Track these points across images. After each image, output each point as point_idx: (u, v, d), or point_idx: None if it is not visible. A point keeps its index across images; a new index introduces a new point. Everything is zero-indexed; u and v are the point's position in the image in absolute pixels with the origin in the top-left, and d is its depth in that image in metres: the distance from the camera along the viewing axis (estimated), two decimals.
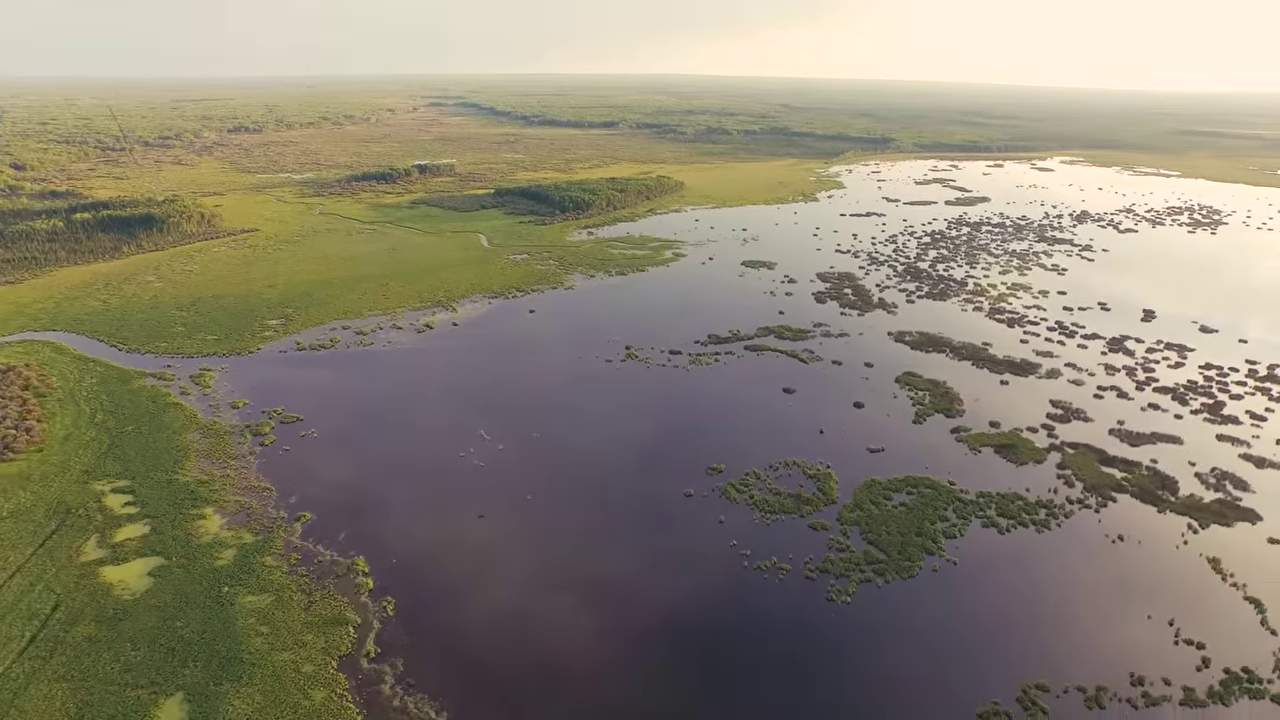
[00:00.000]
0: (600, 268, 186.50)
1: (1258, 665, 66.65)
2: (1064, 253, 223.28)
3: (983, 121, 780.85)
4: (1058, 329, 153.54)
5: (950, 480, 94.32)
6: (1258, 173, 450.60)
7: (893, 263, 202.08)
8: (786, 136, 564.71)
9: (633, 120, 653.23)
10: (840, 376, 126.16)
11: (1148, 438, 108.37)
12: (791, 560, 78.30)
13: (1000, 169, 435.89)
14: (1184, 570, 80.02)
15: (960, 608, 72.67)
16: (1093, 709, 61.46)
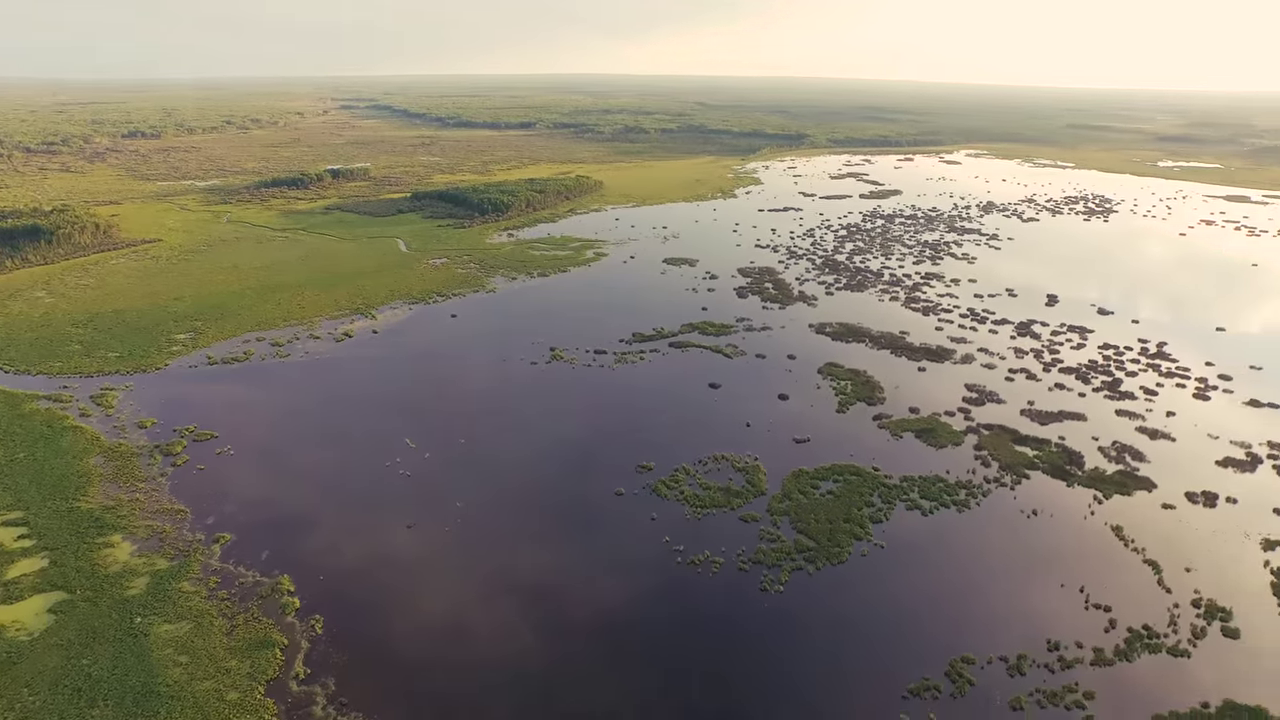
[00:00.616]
0: (522, 269, 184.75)
1: (1156, 622, 70.89)
2: (973, 242, 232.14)
3: (892, 117, 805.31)
4: (970, 316, 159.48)
5: (874, 466, 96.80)
6: (1141, 164, 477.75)
7: (811, 256, 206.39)
8: (703, 134, 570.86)
9: (550, 121, 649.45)
10: (764, 370, 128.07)
11: (1055, 416, 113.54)
12: (724, 553, 79.01)
13: (911, 163, 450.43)
14: (1091, 539, 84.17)
15: (889, 590, 74.65)
16: (1014, 676, 64.01)
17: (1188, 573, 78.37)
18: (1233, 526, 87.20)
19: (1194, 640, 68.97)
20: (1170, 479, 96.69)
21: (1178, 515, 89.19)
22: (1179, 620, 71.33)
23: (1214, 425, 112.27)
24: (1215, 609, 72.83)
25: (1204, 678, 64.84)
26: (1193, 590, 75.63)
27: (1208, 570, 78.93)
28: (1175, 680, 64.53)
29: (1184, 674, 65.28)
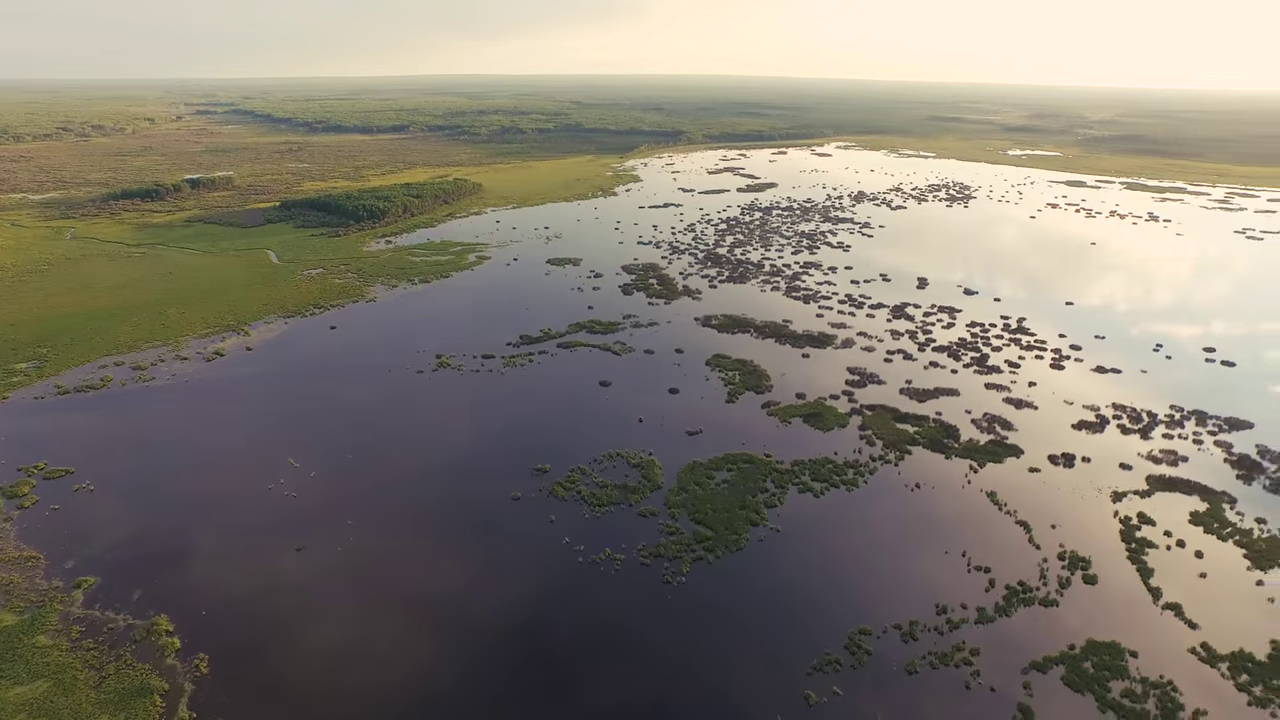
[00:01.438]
0: (402, 277, 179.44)
1: (1028, 577, 76.28)
2: (847, 230, 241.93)
3: (765, 112, 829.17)
4: (848, 301, 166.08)
5: (766, 453, 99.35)
6: (994, 153, 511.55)
7: (693, 250, 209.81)
8: (581, 133, 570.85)
9: (424, 123, 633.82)
10: (653, 365, 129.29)
11: (931, 393, 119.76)
12: (625, 549, 79.29)
13: (785, 156, 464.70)
14: (969, 506, 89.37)
15: (787, 572, 76.83)
16: (908, 642, 67.25)
17: (1053, 529, 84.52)
18: (1088, 483, 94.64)
19: (1061, 590, 74.54)
20: (1035, 444, 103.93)
21: (1042, 477, 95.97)
22: (1048, 573, 76.87)
23: (1068, 392, 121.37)
24: (1077, 560, 78.88)
25: (1070, 623, 70.18)
26: (1058, 545, 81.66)
27: (1069, 525, 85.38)
28: (1047, 628, 69.51)
29: (1054, 622, 70.42)
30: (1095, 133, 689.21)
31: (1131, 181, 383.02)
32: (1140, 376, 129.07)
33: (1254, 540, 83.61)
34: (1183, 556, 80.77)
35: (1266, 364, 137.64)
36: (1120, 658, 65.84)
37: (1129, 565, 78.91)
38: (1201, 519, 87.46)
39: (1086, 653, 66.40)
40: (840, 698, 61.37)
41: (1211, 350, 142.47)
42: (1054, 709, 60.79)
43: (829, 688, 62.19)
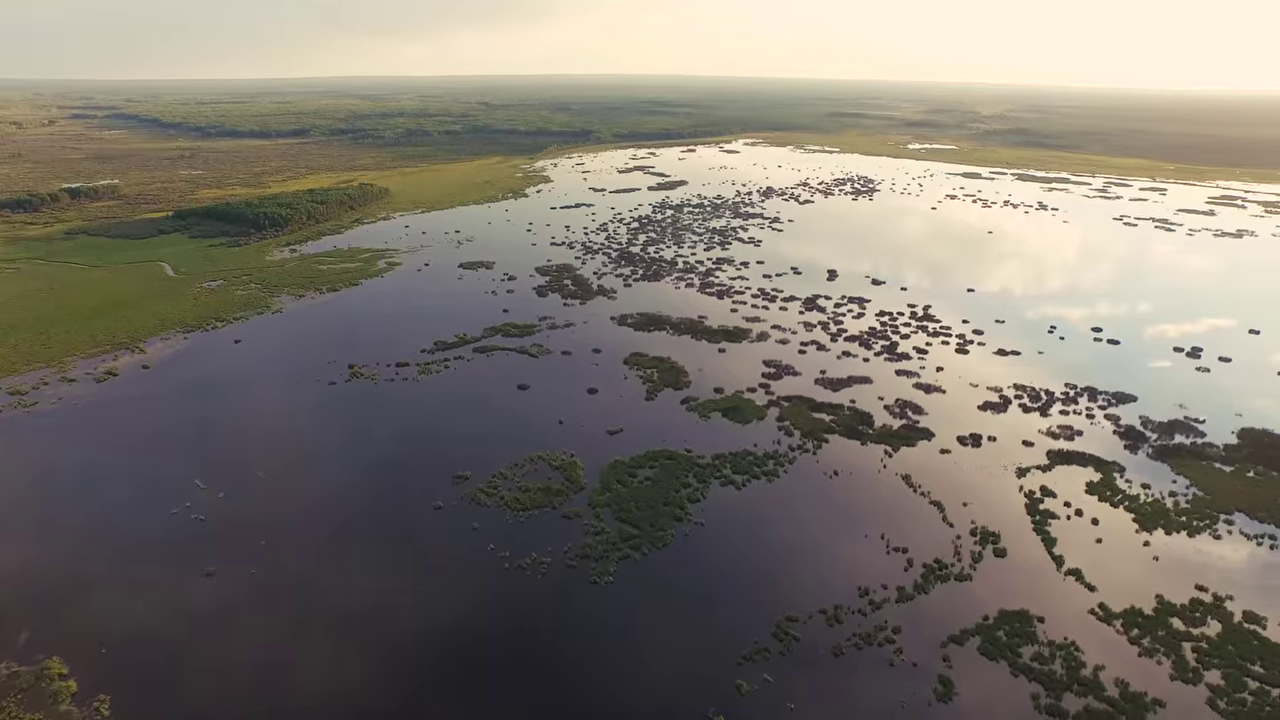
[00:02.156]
0: (309, 286, 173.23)
1: (944, 555, 79.32)
2: (757, 226, 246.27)
3: (673, 110, 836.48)
4: (761, 295, 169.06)
5: (687, 449, 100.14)
6: (895, 147, 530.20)
7: (607, 250, 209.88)
8: (489, 135, 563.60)
9: (325, 127, 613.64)
10: (571, 366, 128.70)
11: (845, 382, 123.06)
12: (550, 553, 78.60)
13: (694, 153, 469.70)
14: (886, 490, 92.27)
15: (713, 564, 77.63)
16: (833, 625, 68.95)
17: (965, 507, 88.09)
18: (994, 461, 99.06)
19: (974, 565, 77.75)
20: (944, 427, 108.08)
21: (953, 458, 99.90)
22: (961, 550, 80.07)
23: (973, 375, 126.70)
24: (988, 535, 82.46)
25: (983, 595, 73.29)
26: (970, 522, 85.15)
27: (979, 502, 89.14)
28: (962, 602, 72.40)
29: (969, 595, 73.42)
30: (987, 127, 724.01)
31: (1022, 173, 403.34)
32: (1038, 357, 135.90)
33: (1140, 505, 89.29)
34: (1081, 525, 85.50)
35: (1145, 341, 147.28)
36: (1029, 624, 69.23)
37: (1034, 536, 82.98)
38: (1096, 488, 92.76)
39: (999, 622, 69.51)
40: (771, 684, 62.41)
41: (1099, 330, 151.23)
42: (971, 678, 63.38)
43: (759, 676, 63.16)
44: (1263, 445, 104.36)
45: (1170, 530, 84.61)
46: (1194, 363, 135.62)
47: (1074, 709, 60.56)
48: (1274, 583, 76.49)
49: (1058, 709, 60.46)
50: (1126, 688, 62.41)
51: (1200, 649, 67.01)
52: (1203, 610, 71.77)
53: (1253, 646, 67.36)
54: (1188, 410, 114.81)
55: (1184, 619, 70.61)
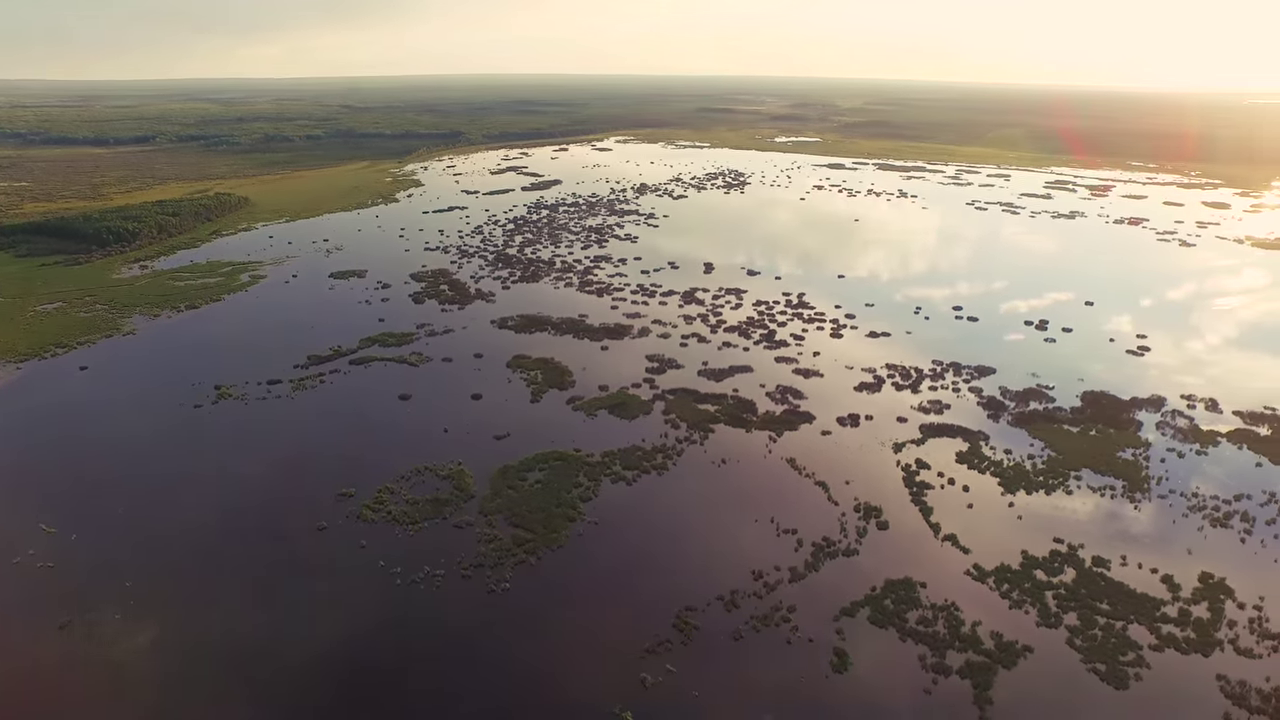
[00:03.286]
0: (165, 304, 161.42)
1: (831, 532, 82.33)
2: (633, 222, 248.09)
3: (544, 110, 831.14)
4: (640, 291, 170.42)
5: (576, 448, 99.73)
6: (763, 141, 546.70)
7: (483, 253, 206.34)
8: (354, 138, 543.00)
9: (173, 133, 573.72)
10: (453, 372, 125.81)
11: (727, 372, 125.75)
12: (444, 564, 76.49)
13: (566, 152, 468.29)
14: (772, 474, 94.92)
15: (610, 562, 77.64)
16: (731, 611, 70.27)
17: (848, 485, 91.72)
18: (872, 439, 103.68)
19: (859, 540, 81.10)
20: (824, 409, 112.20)
21: (834, 439, 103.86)
22: (847, 526, 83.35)
23: (848, 357, 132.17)
24: (870, 510, 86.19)
25: (870, 567, 76.51)
26: (853, 499, 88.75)
27: (861, 479, 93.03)
28: (851, 576, 75.32)
29: (856, 569, 76.47)
30: (848, 119, 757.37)
31: (882, 163, 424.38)
32: (906, 337, 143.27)
33: (1004, 469, 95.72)
34: (953, 492, 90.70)
35: (1000, 316, 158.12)
36: (913, 590, 72.90)
37: (913, 507, 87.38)
38: (965, 457, 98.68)
39: (885, 592, 72.80)
40: (675, 675, 63.00)
41: (959, 309, 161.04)
42: (864, 647, 66.13)
43: (663, 668, 63.64)
44: (1102, 405, 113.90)
45: (1030, 490, 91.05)
46: (1042, 334, 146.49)
47: (956, 664, 64.22)
48: (1115, 528, 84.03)
49: (942, 666, 64.00)
50: (1001, 639, 66.83)
51: (1059, 595, 72.79)
52: (1060, 560, 77.80)
53: (1101, 587, 73.88)
54: (1039, 378, 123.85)
55: (1045, 570, 76.32)
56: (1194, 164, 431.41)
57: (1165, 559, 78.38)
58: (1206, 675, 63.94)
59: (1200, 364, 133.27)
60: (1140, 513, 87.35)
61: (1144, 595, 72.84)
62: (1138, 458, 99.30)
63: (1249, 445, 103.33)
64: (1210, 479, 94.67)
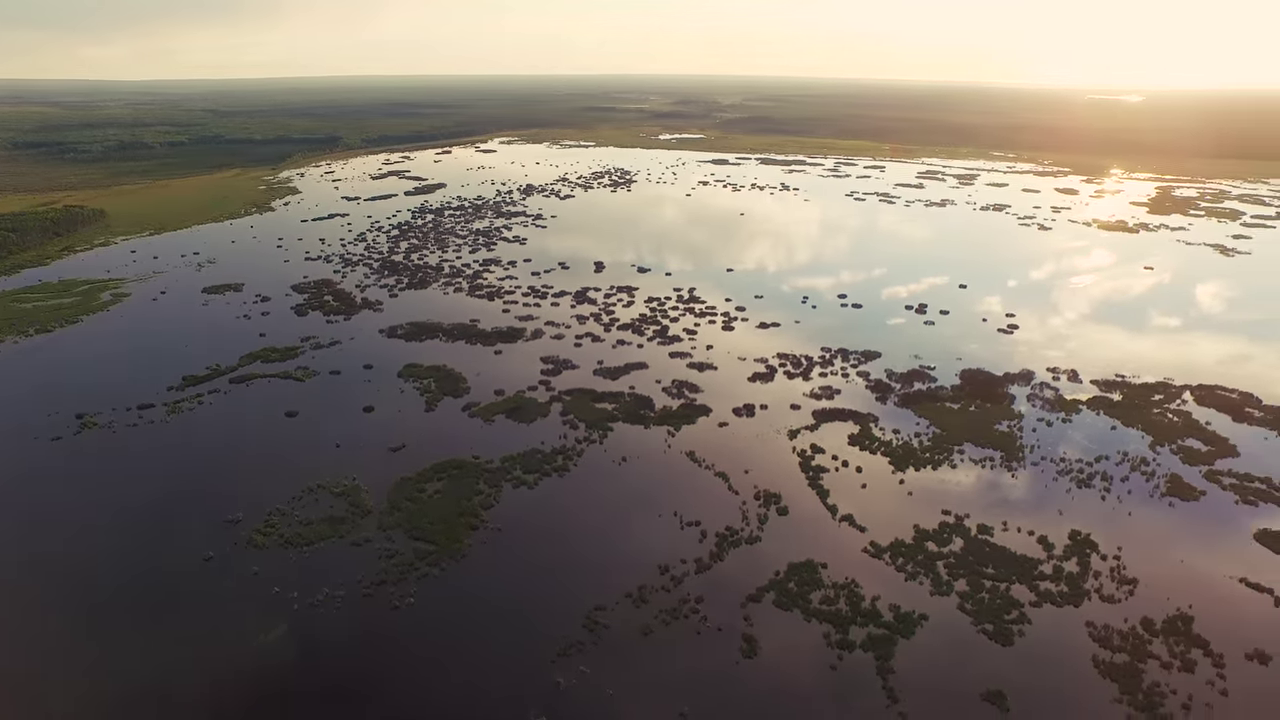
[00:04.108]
0: (11, 329, 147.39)
1: (733, 521, 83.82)
2: (521, 224, 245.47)
3: (424, 112, 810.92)
4: (531, 293, 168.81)
5: (475, 455, 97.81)
6: (647, 138, 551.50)
7: (368, 261, 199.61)
8: (222, 144, 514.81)
9: (8, 139, 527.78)
10: (342, 386, 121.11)
11: (623, 369, 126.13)
12: (344, 584, 73.48)
13: (449, 155, 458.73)
14: (673, 469, 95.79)
15: (516, 568, 76.45)
16: (640, 607, 70.51)
17: (747, 474, 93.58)
18: (768, 428, 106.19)
19: (761, 527, 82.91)
20: (720, 401, 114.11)
21: (731, 430, 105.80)
22: (749, 514, 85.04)
23: (741, 349, 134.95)
24: (770, 496, 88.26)
25: (773, 553, 78.29)
26: (753, 487, 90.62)
27: (759, 468, 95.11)
28: (755, 563, 76.89)
29: (760, 556, 78.11)
30: (729, 115, 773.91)
31: (765, 157, 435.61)
32: (795, 326, 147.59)
33: (894, 448, 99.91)
34: (848, 474, 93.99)
35: (882, 302, 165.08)
36: (815, 572, 75.10)
37: (810, 491, 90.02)
38: (857, 439, 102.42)
39: (789, 575, 74.72)
40: (588, 675, 62.69)
41: (844, 296, 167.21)
42: (771, 630, 67.67)
43: (576, 669, 63.23)
44: (978, 382, 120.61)
45: (919, 467, 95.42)
46: (921, 318, 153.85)
47: (859, 639, 66.57)
48: (996, 497, 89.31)
49: (846, 642, 66.23)
50: (899, 610, 69.73)
51: (949, 564, 76.63)
52: (948, 531, 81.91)
53: (985, 553, 78.28)
54: (921, 360, 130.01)
55: (936, 541, 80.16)
56: (1047, 153, 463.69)
57: (1040, 521, 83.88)
58: (1078, 624, 69.00)
59: (1061, 338, 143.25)
60: (1017, 480, 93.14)
61: (1023, 557, 77.77)
62: (1012, 429, 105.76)
63: (1105, 411, 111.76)
64: (1074, 444, 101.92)
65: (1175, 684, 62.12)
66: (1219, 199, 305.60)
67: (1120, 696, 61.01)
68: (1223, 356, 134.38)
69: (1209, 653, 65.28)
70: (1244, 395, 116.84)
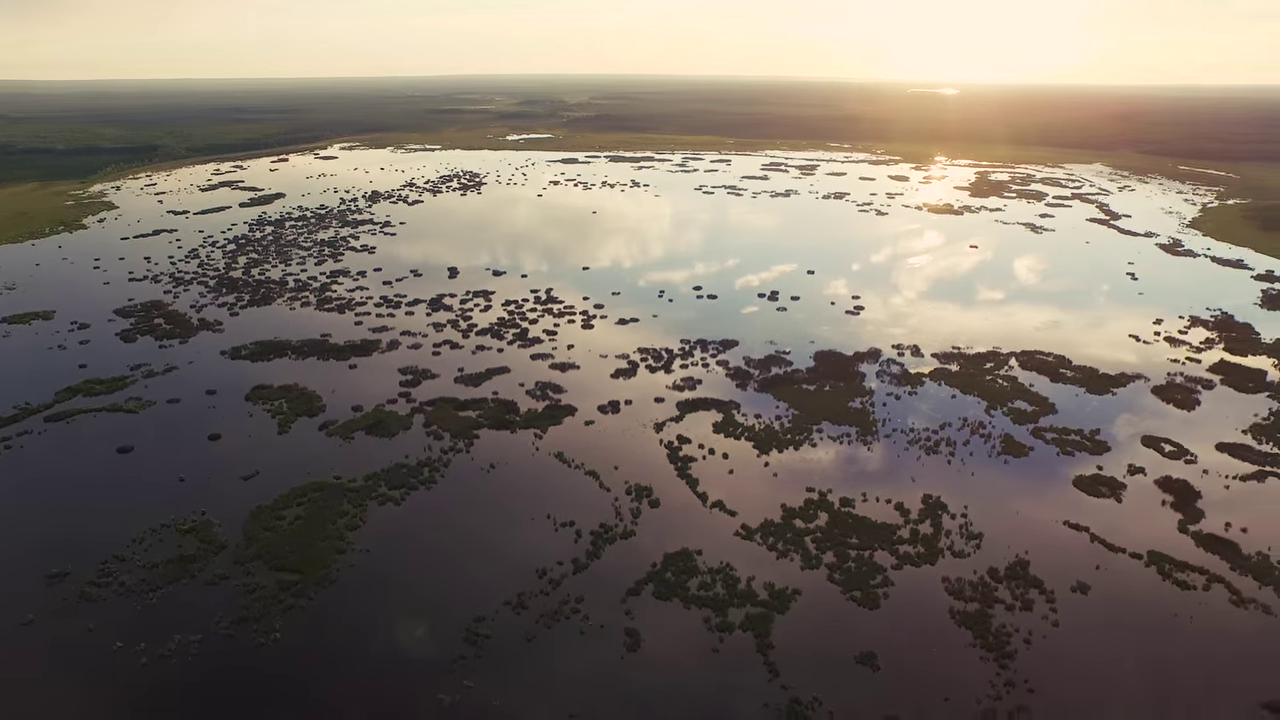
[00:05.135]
0: None
1: (607, 518, 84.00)
2: (368, 232, 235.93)
3: (254, 117, 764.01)
4: (384, 304, 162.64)
5: (336, 476, 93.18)
6: (495, 140, 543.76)
7: (202, 279, 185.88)
8: (14, 155, 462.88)
9: None
10: (183, 414, 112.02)
11: (485, 375, 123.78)
12: (201, 627, 67.94)
13: (286, 163, 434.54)
14: (543, 471, 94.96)
15: (389, 588, 73.37)
16: (520, 614, 69.39)
17: (616, 470, 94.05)
18: (634, 422, 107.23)
19: (635, 521, 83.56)
20: (584, 400, 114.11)
21: (598, 427, 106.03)
22: (622, 510, 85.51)
23: (602, 346, 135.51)
24: (641, 490, 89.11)
25: (648, 545, 79.09)
26: (624, 482, 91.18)
27: (628, 462, 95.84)
28: (631, 557, 77.35)
29: (636, 550, 78.69)
30: (576, 115, 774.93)
31: (614, 155, 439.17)
32: (654, 321, 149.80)
33: (756, 433, 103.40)
34: (715, 461, 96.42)
35: (736, 292, 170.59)
36: (690, 560, 76.55)
37: (680, 481, 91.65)
38: (721, 427, 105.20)
39: (665, 565, 75.76)
40: (473, 689, 61.14)
41: (699, 288, 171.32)
42: (652, 622, 68.40)
43: (460, 685, 61.50)
44: (831, 363, 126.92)
45: (781, 449, 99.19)
46: (774, 305, 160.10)
47: (738, 620, 68.50)
48: (854, 470, 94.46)
49: (725, 624, 67.99)
50: (773, 588, 72.27)
51: (816, 538, 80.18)
52: (813, 507, 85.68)
53: (849, 525, 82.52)
54: (777, 345, 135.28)
55: (802, 518, 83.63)
56: (880, 143, 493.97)
57: (895, 489, 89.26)
58: (934, 580, 74.14)
59: (903, 316, 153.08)
60: (872, 453, 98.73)
61: (883, 524, 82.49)
62: (865, 405, 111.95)
63: (945, 381, 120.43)
64: (921, 414, 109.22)
65: (1018, 623, 68.26)
66: (1027, 182, 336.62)
67: (974, 641, 66.21)
68: (1039, 324, 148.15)
69: (1043, 590, 72.28)
70: (1058, 358, 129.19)
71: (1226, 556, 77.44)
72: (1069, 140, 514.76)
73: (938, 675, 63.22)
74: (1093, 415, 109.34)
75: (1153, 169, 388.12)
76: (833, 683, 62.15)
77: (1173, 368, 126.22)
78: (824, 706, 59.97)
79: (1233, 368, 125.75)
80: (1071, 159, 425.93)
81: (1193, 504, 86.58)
